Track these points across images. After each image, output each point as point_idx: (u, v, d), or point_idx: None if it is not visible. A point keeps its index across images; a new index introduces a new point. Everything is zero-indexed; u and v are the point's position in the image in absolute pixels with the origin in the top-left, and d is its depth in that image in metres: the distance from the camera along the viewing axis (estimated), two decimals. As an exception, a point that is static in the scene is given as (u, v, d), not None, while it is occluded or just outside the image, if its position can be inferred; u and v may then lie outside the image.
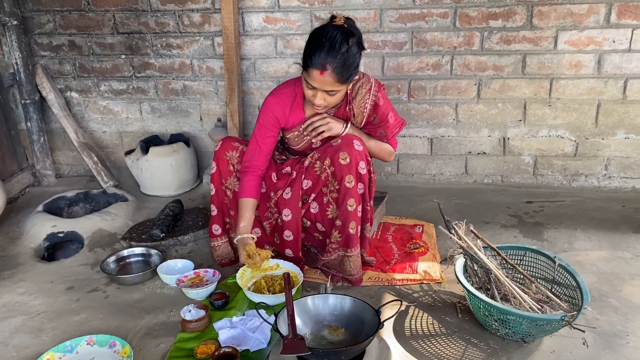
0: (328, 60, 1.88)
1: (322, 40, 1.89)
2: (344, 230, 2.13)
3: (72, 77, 3.46)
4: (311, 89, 1.99)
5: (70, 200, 3.06)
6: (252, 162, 2.20)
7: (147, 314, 2.08)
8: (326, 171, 2.13)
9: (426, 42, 3.01)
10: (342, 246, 2.17)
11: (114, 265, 2.43)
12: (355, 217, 2.12)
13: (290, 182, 2.23)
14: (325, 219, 2.20)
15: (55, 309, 2.14)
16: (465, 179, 3.28)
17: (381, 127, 2.21)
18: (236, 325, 1.92)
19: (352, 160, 2.06)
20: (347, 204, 2.09)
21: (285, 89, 2.19)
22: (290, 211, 2.22)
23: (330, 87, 1.95)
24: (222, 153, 2.26)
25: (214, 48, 3.25)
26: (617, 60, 2.87)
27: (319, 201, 2.20)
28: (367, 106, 2.15)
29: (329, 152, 2.11)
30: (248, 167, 2.21)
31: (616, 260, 2.35)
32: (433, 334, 1.92)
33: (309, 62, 1.91)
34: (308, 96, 2.04)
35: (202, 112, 3.43)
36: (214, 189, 2.31)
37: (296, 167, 2.25)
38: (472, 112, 3.12)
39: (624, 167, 3.08)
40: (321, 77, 1.91)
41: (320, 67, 1.89)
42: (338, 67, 1.90)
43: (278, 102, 2.17)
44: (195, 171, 3.37)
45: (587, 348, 1.80)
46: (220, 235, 2.37)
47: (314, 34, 1.97)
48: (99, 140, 3.61)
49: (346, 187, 2.08)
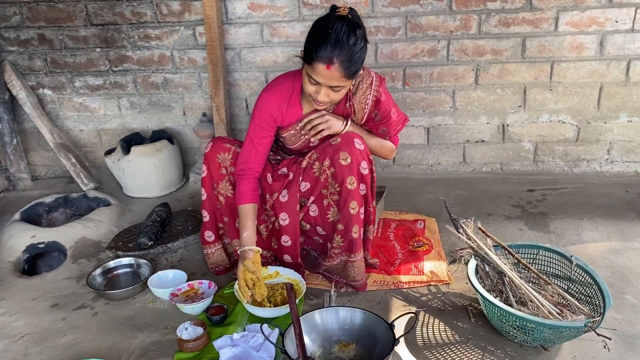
0: (335, 54, 1.73)
1: (329, 32, 1.73)
2: (347, 234, 2.00)
3: (43, 74, 3.24)
4: (314, 84, 1.83)
5: (49, 207, 2.88)
6: (248, 164, 2.04)
7: (140, 332, 1.94)
8: (326, 172, 1.99)
9: (421, 27, 2.86)
10: (344, 251, 2.05)
11: (101, 278, 2.28)
12: (358, 220, 2.00)
13: (286, 184, 2.09)
14: (326, 222, 2.06)
15: (40, 330, 1.98)
16: (464, 169, 3.17)
17: (383, 124, 2.07)
18: (238, 343, 1.79)
19: (353, 160, 1.93)
20: (350, 206, 1.96)
21: (282, 84, 2.02)
22: (288, 215, 2.08)
23: (336, 83, 1.80)
24: (214, 155, 2.10)
25: (195, 38, 3.06)
26: (620, 40, 2.76)
27: (318, 204, 2.06)
28: (369, 102, 2.01)
29: (329, 152, 1.97)
30: (244, 170, 2.05)
31: (627, 252, 2.27)
32: (447, 342, 1.82)
33: (314, 56, 1.75)
34: (310, 92, 1.88)
35: (186, 106, 3.25)
36: (205, 194, 2.16)
37: (293, 167, 2.10)
38: (470, 99, 2.99)
39: (626, 151, 3.00)
40: (327, 72, 1.76)
41: (326, 60, 1.73)
42: (345, 61, 1.75)
43: (274, 98, 2.00)
44: (180, 170, 3.20)
45: (609, 352, 1.71)
46: (213, 242, 2.23)
47: (318, 25, 1.80)
48: (76, 139, 3.41)
49: (348, 189, 1.95)
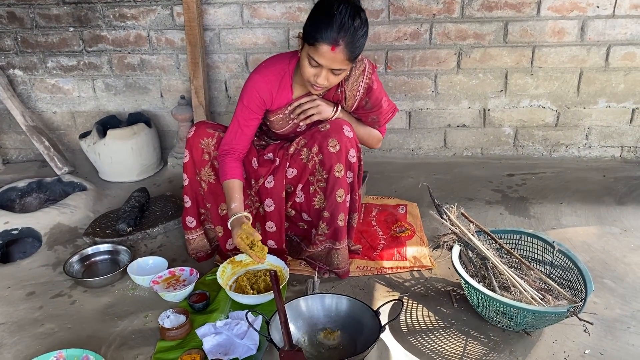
0: (341, 35, 1.68)
1: (334, 14, 1.68)
2: (333, 222, 1.99)
3: (14, 53, 3.12)
4: (315, 67, 1.78)
5: (22, 191, 2.79)
6: (232, 144, 1.98)
7: (120, 320, 1.90)
8: (314, 159, 1.96)
9: (404, 10, 2.83)
10: (329, 238, 2.03)
11: (78, 265, 2.22)
12: (344, 208, 1.98)
13: (272, 170, 2.05)
14: (311, 209, 2.04)
15: (16, 319, 1.93)
16: (444, 153, 3.18)
17: (374, 113, 2.05)
18: (221, 331, 1.77)
19: (342, 147, 1.90)
20: (336, 194, 1.94)
21: (274, 65, 1.96)
22: (273, 201, 2.05)
23: (338, 65, 1.75)
24: (197, 140, 2.05)
25: (173, 18, 2.97)
26: (600, 26, 2.78)
27: (305, 190, 2.04)
28: (360, 89, 1.98)
29: (317, 138, 1.94)
30: (228, 150, 1.98)
31: (605, 237, 2.31)
32: (430, 327, 1.83)
33: (318, 37, 1.70)
34: (308, 75, 1.81)
35: (163, 88, 3.17)
36: (187, 180, 2.11)
37: (279, 153, 2.06)
38: (452, 83, 2.98)
39: (604, 136, 3.04)
40: (332, 54, 1.71)
41: (332, 41, 1.69)
42: (350, 44, 1.70)
43: (265, 80, 1.94)
44: (158, 153, 3.13)
45: (589, 336, 1.74)
46: (195, 227, 2.19)
47: (321, 6, 1.75)
48: (49, 121, 3.30)
49: (335, 177, 1.93)
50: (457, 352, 1.71)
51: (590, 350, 1.69)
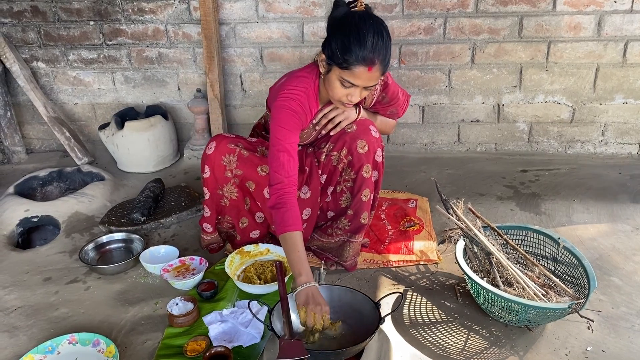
0: (376, 55, 1.66)
1: (363, 33, 1.65)
2: (355, 219, 2.04)
3: (37, 46, 3.21)
4: (349, 87, 1.75)
5: (43, 180, 2.88)
6: (290, 177, 1.79)
7: (131, 306, 1.97)
8: (343, 161, 2.01)
9: (418, 4, 2.83)
10: (348, 232, 2.08)
11: (93, 253, 2.29)
12: (368, 207, 2.05)
13: (305, 181, 2.08)
14: (338, 207, 2.10)
15: (33, 303, 2.01)
16: (458, 148, 3.17)
17: (392, 106, 2.08)
18: (227, 319, 1.82)
19: (370, 148, 1.96)
20: (362, 194, 2.00)
21: (298, 87, 1.88)
22: (311, 209, 2.12)
23: (374, 82, 1.75)
24: (218, 157, 2.01)
25: (189, 12, 3.02)
26: (618, 21, 2.73)
27: (332, 191, 2.10)
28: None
29: (346, 140, 1.98)
30: (287, 185, 1.78)
31: (616, 234, 2.29)
32: (433, 321, 1.85)
33: (352, 60, 1.66)
34: (340, 95, 1.78)
35: (180, 81, 3.22)
36: (208, 194, 2.10)
37: (307, 162, 2.09)
38: (466, 78, 2.97)
39: (621, 133, 2.99)
40: (369, 74, 1.69)
41: (368, 63, 1.66)
42: (384, 59, 1.70)
43: (299, 104, 1.87)
44: (175, 145, 3.19)
45: (592, 333, 1.74)
46: (211, 232, 2.23)
47: (345, 27, 1.69)
48: (70, 113, 3.39)
49: (363, 177, 1.98)
50: (458, 346, 1.72)
51: (592, 347, 1.68)
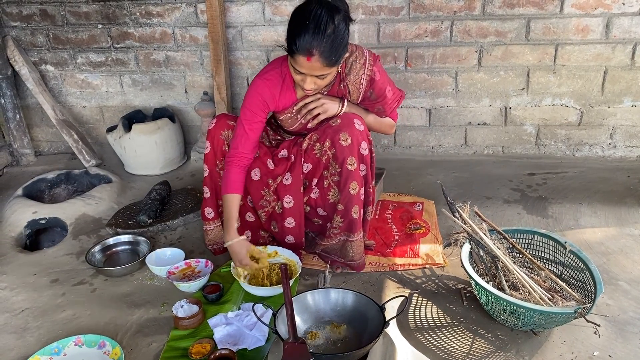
0: (314, 45, 1.70)
1: (306, 23, 1.70)
2: (347, 214, 2.02)
3: (46, 49, 3.24)
4: (299, 74, 1.83)
5: (51, 183, 2.91)
6: (238, 150, 2.02)
7: (137, 308, 1.97)
8: (327, 153, 2.00)
9: (424, 7, 2.82)
10: (344, 231, 2.06)
11: (100, 255, 2.31)
12: (358, 201, 2.01)
13: (289, 167, 2.09)
14: (326, 203, 2.08)
15: (40, 305, 2.02)
16: (465, 151, 3.16)
17: (379, 103, 2.07)
18: (232, 322, 1.82)
19: (353, 141, 1.93)
20: (350, 187, 1.97)
21: (272, 70, 2.01)
22: (292, 198, 2.09)
23: (319, 72, 1.79)
24: (218, 132, 2.10)
25: (197, 15, 3.03)
26: (626, 24, 2.71)
27: (319, 185, 2.08)
28: (363, 82, 2.00)
29: (329, 133, 1.98)
30: (233, 156, 2.02)
31: (624, 238, 2.27)
32: (438, 325, 1.84)
33: (294, 48, 1.74)
34: (297, 81, 1.89)
35: (187, 84, 3.24)
36: (207, 170, 2.16)
37: (293, 150, 2.10)
38: (473, 80, 2.96)
39: (629, 136, 2.97)
40: (309, 63, 1.75)
41: (306, 52, 1.72)
42: (326, 51, 1.72)
43: (266, 84, 1.99)
44: (181, 148, 3.21)
45: (599, 338, 1.72)
46: (213, 218, 2.23)
47: (296, 14, 1.77)
48: (79, 115, 3.42)
49: (348, 170, 1.96)
50: (464, 350, 1.71)
51: (599, 352, 1.67)
